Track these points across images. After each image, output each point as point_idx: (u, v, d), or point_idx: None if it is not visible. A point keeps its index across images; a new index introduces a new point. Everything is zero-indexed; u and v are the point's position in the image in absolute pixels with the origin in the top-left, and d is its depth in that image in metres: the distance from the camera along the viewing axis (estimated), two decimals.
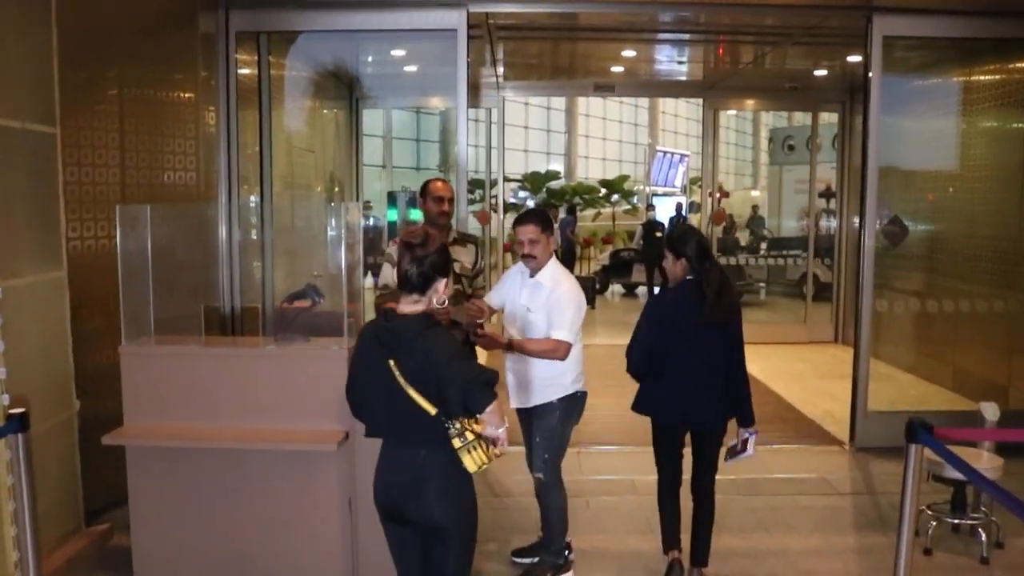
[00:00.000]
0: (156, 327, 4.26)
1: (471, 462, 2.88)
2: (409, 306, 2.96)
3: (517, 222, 4.24)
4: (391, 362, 2.88)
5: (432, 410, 2.85)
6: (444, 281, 3.01)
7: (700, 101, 11.35)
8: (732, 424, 4.19)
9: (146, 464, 4.12)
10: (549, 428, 4.20)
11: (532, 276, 4.17)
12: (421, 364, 2.87)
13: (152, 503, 4.14)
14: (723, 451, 4.25)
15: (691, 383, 4.07)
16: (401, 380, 2.87)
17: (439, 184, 4.80)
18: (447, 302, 3.13)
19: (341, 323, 4.09)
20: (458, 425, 2.87)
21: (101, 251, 5.04)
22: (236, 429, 4.01)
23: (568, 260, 16.83)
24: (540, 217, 4.19)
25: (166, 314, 4.40)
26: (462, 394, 2.84)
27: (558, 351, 4.00)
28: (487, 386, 2.87)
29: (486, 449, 2.89)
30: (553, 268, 4.18)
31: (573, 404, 4.23)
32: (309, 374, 4.03)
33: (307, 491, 4.06)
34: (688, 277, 4.04)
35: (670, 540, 4.26)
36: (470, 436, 2.87)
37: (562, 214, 18.76)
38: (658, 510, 4.32)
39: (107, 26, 5.17)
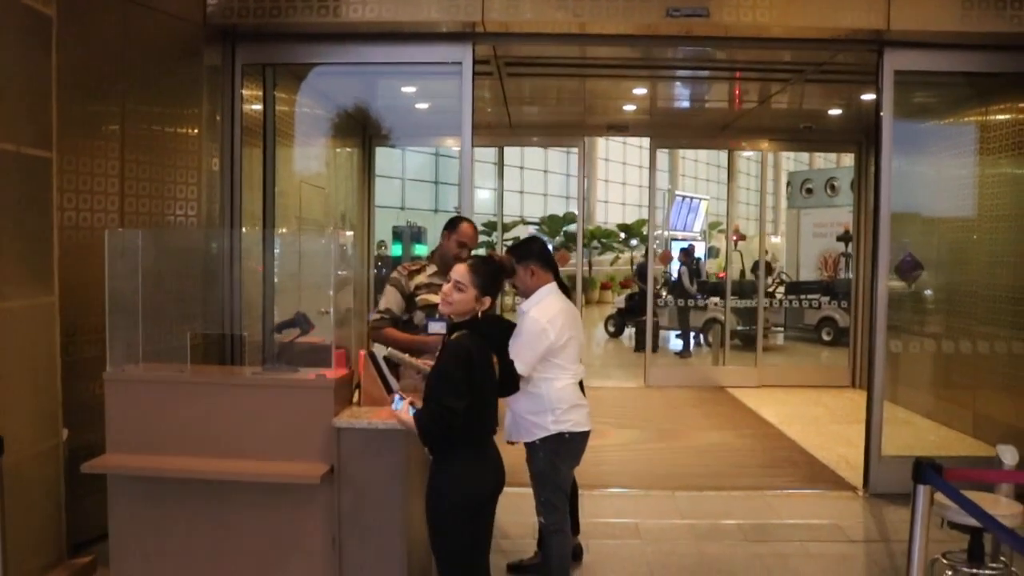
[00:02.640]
0: (154, 358, 4.19)
1: None
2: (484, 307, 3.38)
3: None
4: (494, 358, 3.37)
5: None
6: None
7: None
8: None
9: (128, 494, 4.01)
10: (538, 470, 4.10)
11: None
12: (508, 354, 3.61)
13: (133, 535, 4.02)
14: None
15: None
16: (497, 371, 3.38)
17: (469, 229, 4.69)
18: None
19: (329, 354, 4.00)
20: None
21: (97, 280, 4.97)
22: (218, 459, 3.90)
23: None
24: (516, 248, 4.31)
25: (164, 344, 4.34)
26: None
27: None
28: None
29: None
30: (538, 296, 4.15)
31: (560, 445, 4.06)
32: (293, 404, 3.91)
33: (291, 526, 3.93)
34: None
35: None
36: None
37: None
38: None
39: (110, 56, 5.18)
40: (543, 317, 4.00)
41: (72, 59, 4.68)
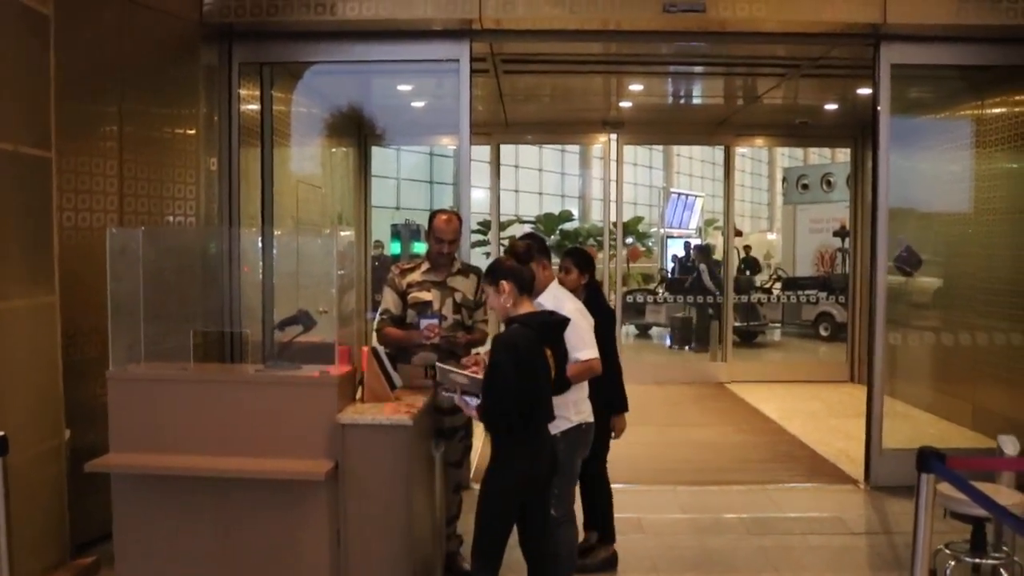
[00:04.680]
0: (156, 357, 4.19)
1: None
2: (530, 306, 3.59)
3: None
4: (548, 352, 3.48)
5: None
6: None
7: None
8: None
9: (132, 493, 4.01)
10: (559, 463, 4.06)
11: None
12: (566, 350, 3.66)
13: (137, 534, 4.02)
14: None
15: None
16: (552, 365, 3.50)
17: (442, 224, 4.58)
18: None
19: (330, 351, 4.00)
20: None
21: (96, 280, 4.96)
22: (222, 457, 3.90)
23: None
24: (539, 245, 4.36)
25: (165, 344, 4.34)
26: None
27: (595, 368, 3.98)
28: None
29: None
30: (554, 290, 4.17)
31: (577, 436, 4.08)
32: (297, 401, 3.91)
33: (295, 523, 3.93)
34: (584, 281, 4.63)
35: None
36: None
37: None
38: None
39: (108, 55, 5.16)
40: (579, 306, 4.13)
41: (70, 58, 4.65)
